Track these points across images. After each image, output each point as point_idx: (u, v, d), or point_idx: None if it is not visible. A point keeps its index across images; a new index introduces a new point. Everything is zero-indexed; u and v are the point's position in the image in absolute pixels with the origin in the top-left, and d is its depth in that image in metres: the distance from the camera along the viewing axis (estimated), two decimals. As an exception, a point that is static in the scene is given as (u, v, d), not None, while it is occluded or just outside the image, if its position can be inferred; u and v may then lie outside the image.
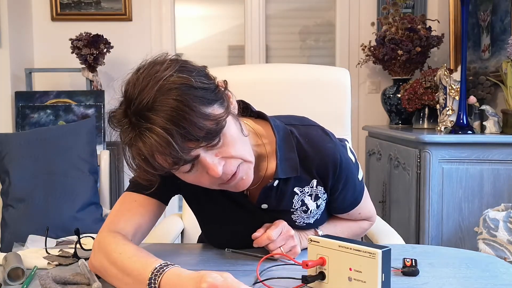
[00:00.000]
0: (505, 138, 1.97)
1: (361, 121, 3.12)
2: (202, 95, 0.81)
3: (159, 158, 0.80)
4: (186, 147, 0.79)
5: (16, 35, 2.91)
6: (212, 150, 0.83)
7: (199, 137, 0.79)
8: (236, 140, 0.86)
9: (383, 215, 2.50)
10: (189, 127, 0.78)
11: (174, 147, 0.78)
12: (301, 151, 1.00)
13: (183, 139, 0.78)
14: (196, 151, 0.81)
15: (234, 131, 0.87)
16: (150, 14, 3.14)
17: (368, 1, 3.13)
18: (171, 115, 0.77)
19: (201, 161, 0.83)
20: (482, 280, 0.89)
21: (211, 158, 0.83)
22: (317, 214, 1.06)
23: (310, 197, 1.03)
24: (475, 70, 2.44)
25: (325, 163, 1.00)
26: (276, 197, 1.00)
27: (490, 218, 1.69)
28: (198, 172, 0.85)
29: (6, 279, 0.87)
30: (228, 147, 0.85)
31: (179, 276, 0.77)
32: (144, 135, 0.79)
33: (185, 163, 0.81)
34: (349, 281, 0.80)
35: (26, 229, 1.73)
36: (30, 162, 1.87)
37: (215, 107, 0.83)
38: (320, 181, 1.02)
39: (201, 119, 0.79)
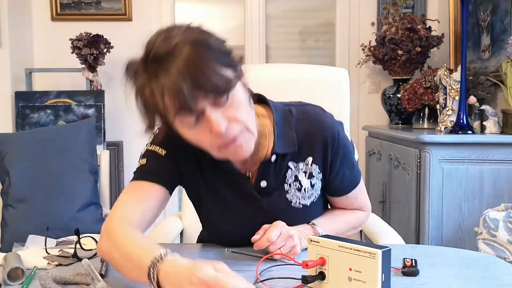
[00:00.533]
0: (505, 138, 1.97)
1: (361, 121, 3.12)
2: (218, 55, 0.86)
3: (167, 100, 0.85)
4: (195, 96, 0.83)
5: (16, 35, 2.91)
6: (218, 109, 0.86)
7: (208, 89, 0.83)
8: (243, 105, 0.90)
9: (383, 215, 2.50)
10: (201, 77, 0.82)
11: (183, 92, 0.82)
12: (300, 127, 1.03)
13: (194, 87, 0.82)
14: (203, 103, 0.84)
15: (243, 98, 0.91)
16: (150, 14, 3.14)
17: (368, 1, 3.13)
18: (186, 63, 0.83)
19: (206, 117, 0.85)
20: (482, 280, 0.89)
21: (216, 115, 0.85)
22: (312, 196, 1.07)
23: (304, 174, 1.05)
24: (475, 70, 2.44)
25: (324, 137, 1.03)
26: (274, 173, 1.03)
27: (490, 218, 1.69)
28: (201, 129, 0.87)
29: (6, 279, 0.87)
30: (234, 110, 0.88)
31: (175, 266, 0.77)
32: (158, 76, 0.85)
33: (190, 112, 0.84)
34: (349, 281, 0.80)
35: (26, 229, 1.73)
36: (30, 162, 1.87)
37: (228, 70, 0.87)
38: (317, 159, 1.04)
39: (213, 73, 0.83)
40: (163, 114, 0.89)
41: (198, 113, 0.85)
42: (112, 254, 0.88)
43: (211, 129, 0.86)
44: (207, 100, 0.85)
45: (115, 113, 3.14)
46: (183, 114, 0.85)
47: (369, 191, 2.73)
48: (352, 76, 3.03)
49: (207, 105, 0.85)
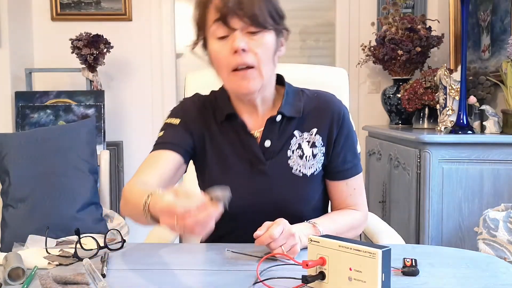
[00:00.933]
0: (505, 138, 1.97)
1: (361, 121, 3.12)
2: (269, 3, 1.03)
3: (218, 1, 1.01)
4: (234, 13, 0.99)
5: (16, 35, 2.91)
6: (246, 35, 1.01)
7: (247, 14, 0.99)
8: (267, 49, 1.04)
9: (383, 215, 2.50)
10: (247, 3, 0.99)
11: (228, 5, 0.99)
12: (309, 102, 1.15)
13: (237, 6, 0.99)
14: (238, 23, 1.00)
15: (270, 44, 1.04)
16: (150, 14, 3.14)
17: (368, 1, 3.13)
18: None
19: (233, 34, 1.01)
20: (482, 280, 0.89)
21: (242, 37, 1.01)
22: (313, 167, 1.13)
23: (308, 143, 1.13)
24: (475, 70, 2.44)
25: (331, 112, 1.13)
26: (278, 133, 1.12)
27: (490, 218, 1.69)
28: (225, 45, 1.02)
29: (6, 279, 0.87)
30: (258, 45, 1.02)
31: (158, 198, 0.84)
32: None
33: (224, 24, 1.00)
34: (349, 281, 0.80)
35: (26, 229, 1.73)
36: (30, 162, 1.87)
37: (270, 17, 1.03)
38: (321, 131, 1.13)
39: (258, 7, 1.00)
40: (204, 21, 1.05)
41: (229, 28, 1.01)
42: (127, 206, 1.01)
43: (232, 44, 1.01)
44: (242, 22, 1.00)
45: (115, 113, 3.14)
46: (218, 25, 1.01)
47: (369, 191, 2.73)
48: (352, 76, 3.03)
49: (239, 26, 1.00)
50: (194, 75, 1.61)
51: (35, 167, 1.86)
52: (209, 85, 1.56)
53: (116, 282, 0.88)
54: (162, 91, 3.17)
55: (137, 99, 3.17)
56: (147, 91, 3.17)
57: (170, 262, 1.00)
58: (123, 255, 1.05)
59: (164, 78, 3.17)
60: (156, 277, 0.92)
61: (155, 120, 3.18)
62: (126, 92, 3.17)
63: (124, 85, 3.17)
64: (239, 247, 1.04)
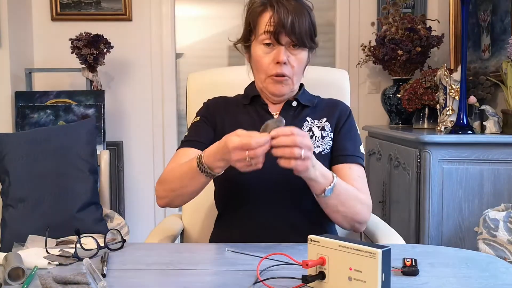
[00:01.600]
0: (505, 138, 1.97)
1: (361, 121, 3.12)
2: (312, 26, 1.24)
3: (276, 18, 1.19)
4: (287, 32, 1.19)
5: (16, 35, 2.91)
6: (288, 51, 1.22)
7: (298, 35, 1.19)
8: (301, 64, 1.25)
9: (383, 215, 2.50)
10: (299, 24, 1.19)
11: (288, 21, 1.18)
12: (321, 101, 1.35)
13: (292, 26, 1.18)
14: (287, 40, 1.20)
15: (304, 61, 1.26)
16: (150, 14, 3.14)
17: (368, 1, 3.13)
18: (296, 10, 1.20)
19: (279, 48, 1.21)
20: (482, 280, 0.89)
21: (285, 51, 1.21)
22: (321, 146, 1.26)
23: (318, 128, 1.29)
24: (475, 70, 2.44)
25: (339, 109, 1.32)
26: (292, 116, 1.29)
27: (490, 218, 1.69)
28: (268, 54, 1.22)
29: (6, 279, 0.87)
30: (296, 60, 1.23)
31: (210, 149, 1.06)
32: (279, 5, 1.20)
33: (274, 38, 1.20)
34: (349, 281, 0.80)
35: (26, 229, 1.73)
36: (30, 162, 1.87)
37: (311, 39, 1.24)
38: (330, 120, 1.29)
39: (305, 30, 1.20)
40: (255, 26, 1.24)
41: (278, 42, 1.20)
42: (168, 182, 1.17)
43: (275, 56, 1.21)
44: (289, 40, 1.20)
45: (115, 113, 3.14)
46: (269, 36, 1.20)
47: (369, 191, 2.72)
48: (352, 76, 3.03)
49: (286, 42, 1.20)
50: (196, 75, 1.61)
51: (35, 167, 1.86)
52: (211, 85, 1.57)
53: (116, 282, 0.89)
54: (162, 91, 3.17)
55: (137, 99, 3.17)
56: (147, 91, 3.17)
57: (170, 262, 1.00)
58: (123, 255, 1.05)
59: (164, 78, 3.17)
60: (156, 277, 0.92)
61: (155, 120, 3.18)
62: (126, 92, 3.17)
63: (124, 85, 3.17)
64: (239, 247, 1.05)
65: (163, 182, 1.20)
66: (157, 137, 3.18)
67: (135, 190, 3.19)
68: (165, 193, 1.19)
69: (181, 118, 3.23)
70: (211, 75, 1.64)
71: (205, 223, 1.51)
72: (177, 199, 1.19)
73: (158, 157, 3.19)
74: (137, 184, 3.19)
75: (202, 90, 1.54)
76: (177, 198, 1.18)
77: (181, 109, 3.23)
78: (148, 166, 3.19)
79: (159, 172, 3.17)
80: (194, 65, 3.26)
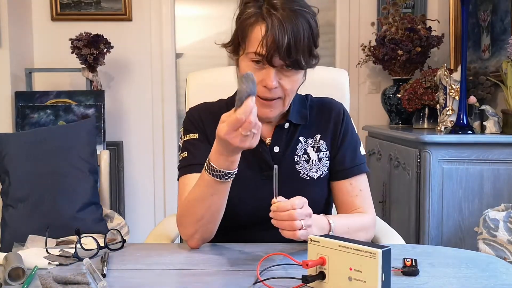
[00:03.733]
0: (505, 138, 1.97)
1: (361, 121, 3.12)
2: (312, 41, 1.06)
3: (270, 38, 1.02)
4: (284, 54, 1.02)
5: (16, 35, 2.91)
6: (280, 73, 1.06)
7: (292, 59, 1.03)
8: (296, 85, 1.11)
9: (383, 215, 2.50)
10: (295, 46, 1.02)
11: (283, 44, 1.01)
12: (313, 107, 1.22)
13: (287, 49, 1.01)
14: (280, 62, 1.03)
15: (300, 81, 1.11)
16: (150, 14, 3.14)
17: (368, 1, 3.13)
18: (293, 26, 1.02)
19: (268, 71, 1.05)
20: (482, 280, 0.89)
21: (276, 75, 1.05)
22: (319, 170, 1.18)
23: (313, 148, 1.19)
24: (475, 70, 2.44)
25: (331, 115, 1.21)
26: (286, 140, 1.18)
27: (490, 218, 1.69)
28: (258, 73, 1.05)
29: (6, 279, 0.87)
30: (289, 82, 1.08)
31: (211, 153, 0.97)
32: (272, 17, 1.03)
33: (268, 60, 1.03)
34: (349, 281, 0.80)
35: (26, 229, 1.73)
36: (30, 162, 1.87)
37: (310, 57, 1.07)
38: (325, 136, 1.20)
39: (302, 51, 1.03)
40: (247, 39, 1.07)
41: (270, 64, 1.04)
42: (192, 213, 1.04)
43: (264, 78, 1.05)
44: (283, 63, 1.04)
45: (115, 113, 3.14)
46: (260, 54, 1.03)
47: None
48: (352, 76, 3.03)
49: (279, 65, 1.04)
50: (196, 75, 1.61)
51: (35, 167, 1.86)
52: (210, 85, 1.57)
53: (116, 282, 0.89)
54: (162, 91, 3.17)
55: (137, 99, 3.17)
56: (147, 91, 3.17)
57: (170, 262, 1.00)
58: (123, 255, 1.05)
59: (164, 78, 3.17)
60: (156, 277, 0.92)
61: (155, 120, 3.18)
62: (126, 92, 3.17)
63: (124, 85, 3.17)
64: (239, 247, 1.04)
65: (185, 218, 1.07)
66: (157, 137, 3.18)
67: (135, 190, 3.19)
68: (192, 228, 1.05)
69: (181, 118, 3.23)
70: (211, 75, 1.64)
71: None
72: (208, 228, 1.06)
73: (158, 157, 3.19)
74: (137, 184, 3.19)
75: (202, 90, 1.54)
76: (207, 226, 1.05)
77: (181, 109, 3.23)
78: (148, 166, 3.19)
79: (159, 172, 3.18)
80: (194, 65, 3.26)
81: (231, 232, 1.16)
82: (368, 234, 1.16)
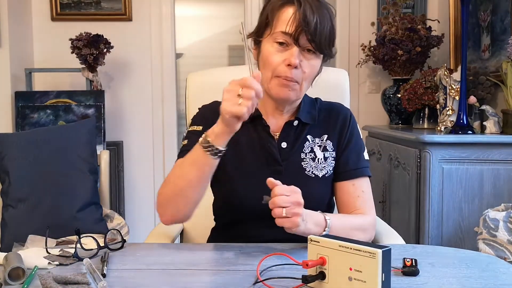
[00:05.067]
0: (505, 138, 1.97)
1: (361, 121, 3.12)
2: (333, 32, 1.12)
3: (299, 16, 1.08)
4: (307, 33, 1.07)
5: (16, 35, 2.91)
6: (303, 55, 1.10)
7: (316, 38, 1.08)
8: (313, 71, 1.14)
9: (383, 215, 2.50)
10: (320, 28, 1.08)
11: (311, 22, 1.07)
12: (321, 111, 1.25)
13: (314, 29, 1.07)
14: (304, 42, 1.09)
15: (316, 68, 1.14)
16: (150, 14, 3.14)
17: (368, 1, 3.13)
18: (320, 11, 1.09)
19: (292, 50, 1.09)
20: (482, 280, 0.89)
21: (299, 54, 1.10)
22: (324, 169, 1.20)
23: (319, 147, 1.21)
24: (475, 70, 2.44)
25: (339, 118, 1.24)
26: (293, 136, 1.20)
27: (490, 218, 1.69)
28: (281, 52, 1.11)
29: (6, 279, 0.87)
30: (308, 66, 1.12)
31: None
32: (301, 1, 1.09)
33: (292, 39, 1.08)
34: (349, 281, 0.80)
35: (26, 229, 1.73)
36: (30, 162, 1.87)
37: (329, 46, 1.12)
38: (331, 137, 1.22)
39: (325, 35, 1.09)
40: (273, 21, 1.11)
41: (295, 42, 1.09)
42: (176, 184, 1.08)
43: (288, 57, 1.09)
44: (307, 43, 1.09)
45: (115, 113, 3.14)
46: (287, 35, 1.09)
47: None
48: (352, 76, 3.03)
49: (302, 45, 1.09)
50: (195, 75, 1.61)
51: (35, 167, 1.86)
52: (210, 86, 1.57)
53: (116, 282, 0.89)
54: (162, 91, 3.17)
55: (137, 99, 3.17)
56: (147, 91, 3.18)
57: (170, 262, 1.00)
58: (123, 255, 1.05)
59: (164, 78, 3.17)
60: (156, 277, 0.92)
61: (155, 120, 3.18)
62: (126, 92, 3.17)
63: (124, 85, 3.17)
64: (239, 247, 1.04)
65: (164, 188, 1.11)
66: (157, 137, 3.18)
67: (135, 190, 3.19)
68: (165, 198, 1.10)
69: (181, 118, 3.23)
70: (211, 75, 1.64)
71: (205, 223, 1.50)
72: (181, 202, 1.08)
73: (158, 157, 3.19)
74: (137, 184, 3.19)
75: (202, 90, 1.54)
76: (181, 200, 1.08)
77: (181, 109, 3.24)
78: (148, 166, 3.19)
79: (159, 172, 3.18)
80: (194, 65, 3.26)
81: (235, 227, 1.18)
82: (366, 235, 1.16)
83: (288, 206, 0.95)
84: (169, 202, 1.10)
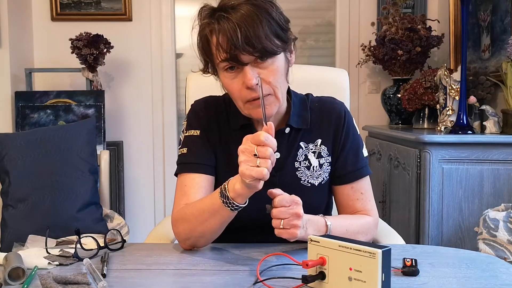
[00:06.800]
0: (505, 138, 1.97)
1: (361, 121, 3.12)
2: (273, 23, 1.01)
3: (223, 39, 0.99)
4: (243, 46, 0.98)
5: (16, 35, 2.91)
6: (256, 67, 1.02)
7: (256, 48, 0.98)
8: (279, 73, 1.04)
9: (383, 215, 2.50)
10: (253, 34, 0.97)
11: (237, 37, 0.97)
12: (313, 110, 1.18)
13: (245, 40, 0.97)
14: (247, 58, 1.00)
15: (282, 67, 1.05)
16: (150, 14, 3.14)
17: (368, 1, 3.13)
18: (245, 18, 0.98)
19: (244, 71, 1.01)
20: (482, 280, 0.89)
21: (253, 71, 1.01)
22: (320, 177, 1.16)
23: (314, 154, 1.16)
24: (475, 70, 2.44)
25: (332, 118, 1.17)
26: (286, 145, 1.14)
27: (490, 218, 1.69)
28: (237, 79, 1.03)
29: (6, 279, 0.87)
30: (270, 73, 1.03)
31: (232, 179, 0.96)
32: (220, 21, 1.00)
33: (234, 59, 1.00)
34: (349, 281, 0.80)
35: (26, 229, 1.73)
36: (30, 162, 1.87)
37: (278, 39, 1.02)
38: (326, 141, 1.16)
39: (264, 36, 0.98)
40: (212, 54, 1.04)
41: (239, 63, 1.00)
42: (191, 223, 1.03)
43: (245, 81, 1.00)
44: (251, 57, 0.99)
45: (115, 113, 3.14)
46: (226, 63, 1.01)
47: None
48: (352, 76, 3.03)
49: (249, 60, 1.00)
50: (195, 75, 1.61)
51: (35, 167, 1.87)
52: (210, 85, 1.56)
53: (116, 282, 0.89)
54: (162, 91, 3.17)
55: (137, 99, 3.17)
56: (147, 91, 3.17)
57: (170, 262, 1.00)
58: (123, 255, 1.05)
59: (164, 78, 3.17)
60: (156, 277, 0.92)
61: (155, 120, 3.18)
62: (126, 92, 3.17)
63: (124, 85, 3.17)
64: (239, 247, 1.04)
65: (181, 223, 1.07)
66: (157, 137, 3.18)
67: (135, 190, 3.19)
68: (186, 235, 1.06)
69: (181, 118, 3.23)
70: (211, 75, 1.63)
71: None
72: (200, 241, 1.06)
73: (158, 157, 3.19)
74: (137, 184, 3.19)
75: (201, 90, 1.54)
76: (201, 239, 1.06)
77: (181, 109, 3.23)
78: (148, 166, 3.19)
79: (159, 172, 3.18)
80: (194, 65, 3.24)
81: (232, 234, 1.15)
82: (368, 236, 1.15)
83: (287, 218, 0.95)
84: (189, 239, 1.07)
